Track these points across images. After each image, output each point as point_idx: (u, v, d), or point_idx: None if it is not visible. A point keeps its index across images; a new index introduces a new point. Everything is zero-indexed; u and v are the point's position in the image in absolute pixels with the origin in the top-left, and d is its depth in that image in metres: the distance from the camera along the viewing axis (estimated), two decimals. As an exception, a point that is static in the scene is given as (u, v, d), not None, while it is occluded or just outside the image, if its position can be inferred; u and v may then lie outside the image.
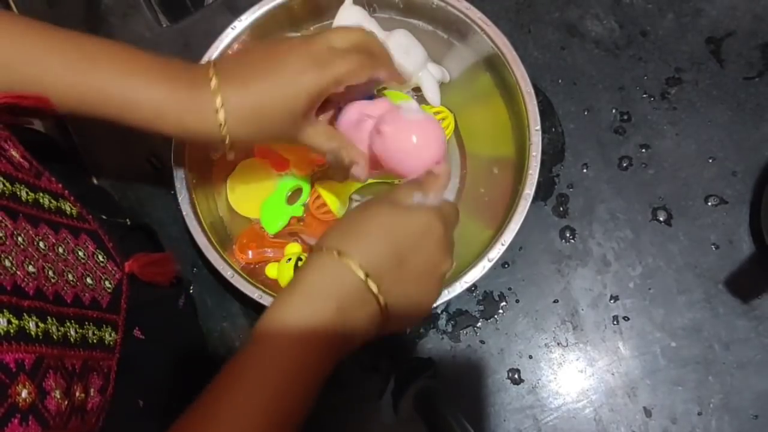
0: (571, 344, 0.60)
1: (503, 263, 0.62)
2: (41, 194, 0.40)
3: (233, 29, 0.60)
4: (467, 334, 0.61)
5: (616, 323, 0.60)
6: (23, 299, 0.34)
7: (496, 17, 0.58)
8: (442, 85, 0.63)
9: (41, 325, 0.35)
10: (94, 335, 0.40)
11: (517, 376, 0.60)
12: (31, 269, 0.36)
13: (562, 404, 0.59)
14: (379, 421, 0.59)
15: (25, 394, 0.31)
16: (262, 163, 0.61)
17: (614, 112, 0.66)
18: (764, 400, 0.58)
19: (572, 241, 0.62)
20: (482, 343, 0.60)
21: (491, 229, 0.56)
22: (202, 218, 0.56)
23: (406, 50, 0.58)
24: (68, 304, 0.38)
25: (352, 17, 0.59)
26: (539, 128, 0.56)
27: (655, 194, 0.63)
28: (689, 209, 0.63)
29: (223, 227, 0.61)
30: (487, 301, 0.61)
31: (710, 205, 0.63)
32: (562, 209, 0.63)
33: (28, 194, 0.39)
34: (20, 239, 0.36)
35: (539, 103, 0.57)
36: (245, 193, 0.61)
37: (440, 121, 0.61)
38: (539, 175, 0.55)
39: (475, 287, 0.61)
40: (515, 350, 0.60)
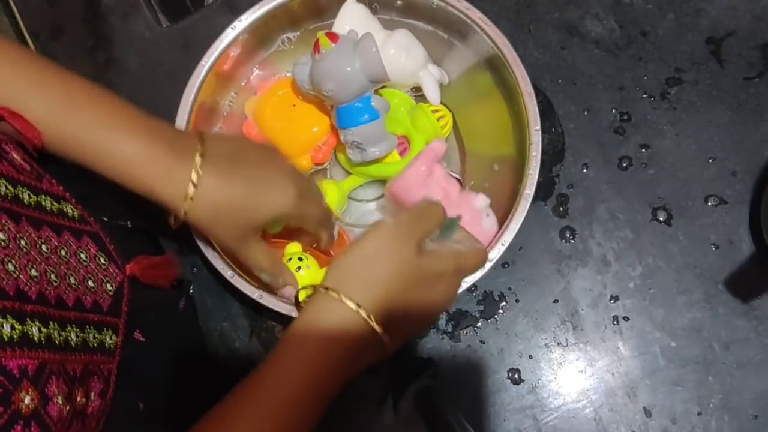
0: (571, 344, 0.60)
1: (503, 263, 0.62)
2: (43, 197, 0.40)
3: (233, 29, 0.60)
4: (467, 334, 0.61)
5: (616, 323, 0.60)
6: (26, 304, 0.34)
7: (496, 17, 0.59)
8: (442, 85, 0.63)
9: (44, 330, 0.34)
10: (94, 339, 0.40)
11: (517, 376, 0.60)
12: (33, 273, 0.36)
13: (562, 404, 0.59)
14: (379, 420, 0.59)
15: (27, 400, 0.31)
16: None
17: (614, 112, 0.66)
18: (764, 400, 0.58)
19: (572, 241, 0.62)
20: (482, 343, 0.60)
21: (491, 229, 0.56)
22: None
23: (406, 49, 0.58)
24: (70, 307, 0.38)
25: (354, 16, 0.59)
26: (539, 128, 0.56)
27: (655, 194, 0.63)
28: (689, 209, 0.63)
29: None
30: (487, 301, 0.61)
31: (710, 205, 0.63)
32: (562, 209, 0.63)
33: (30, 197, 0.39)
34: (23, 242, 0.36)
35: (539, 103, 0.57)
36: None
37: (440, 118, 0.61)
38: (539, 175, 0.55)
39: (475, 287, 0.62)
40: (515, 350, 0.60)
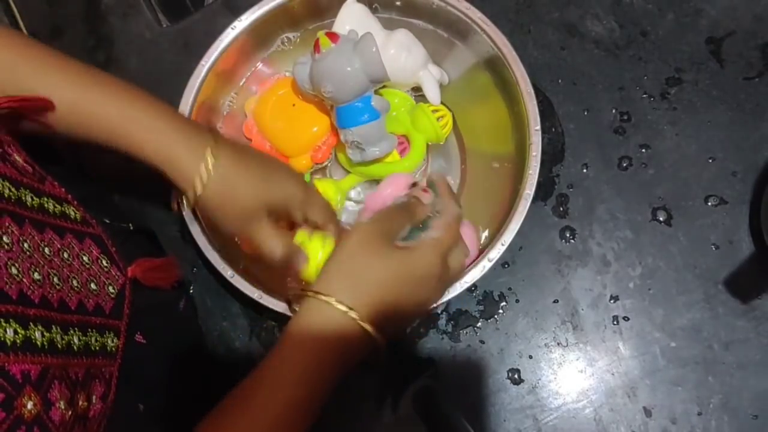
0: (571, 344, 0.60)
1: (503, 263, 0.62)
2: (46, 199, 0.40)
3: (233, 29, 0.60)
4: (467, 334, 0.61)
5: (616, 323, 0.60)
6: (29, 308, 0.34)
7: (496, 17, 0.59)
8: (442, 85, 0.62)
9: (46, 334, 0.34)
10: (96, 342, 0.40)
11: (517, 376, 0.60)
12: (36, 276, 0.36)
13: (562, 404, 0.59)
14: (378, 420, 0.59)
15: (30, 405, 0.31)
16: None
17: (614, 112, 0.66)
18: (764, 400, 0.58)
19: (572, 241, 0.62)
20: (482, 343, 0.60)
21: (491, 229, 0.56)
22: (202, 218, 0.56)
23: (407, 49, 0.58)
24: (72, 311, 0.38)
25: (354, 16, 0.59)
26: (539, 128, 0.56)
27: (655, 194, 0.63)
28: (689, 209, 0.63)
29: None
30: (487, 301, 0.61)
31: (710, 205, 0.63)
32: (562, 209, 0.63)
33: (33, 199, 0.39)
34: (26, 245, 0.36)
35: (539, 103, 0.57)
36: None
37: (441, 118, 0.61)
38: (539, 175, 0.55)
39: (475, 287, 0.62)
40: (515, 350, 0.60)
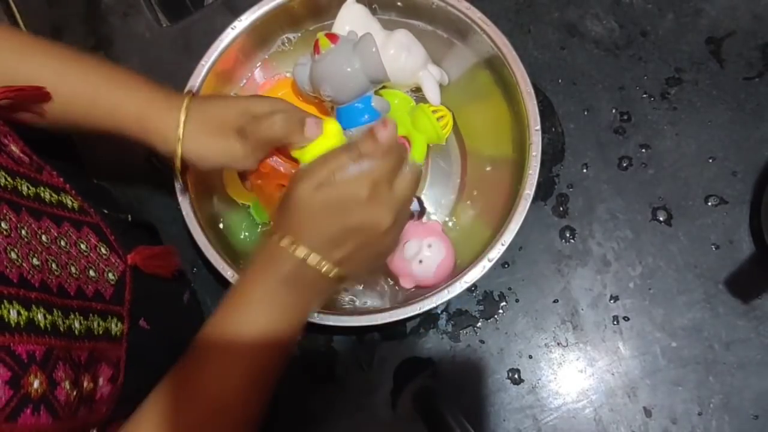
0: (571, 344, 0.60)
1: (503, 263, 0.62)
2: (42, 188, 0.41)
3: (233, 29, 0.60)
4: (467, 333, 0.61)
5: (616, 323, 0.60)
6: (30, 291, 0.35)
7: (496, 17, 0.59)
8: (442, 85, 0.62)
9: (48, 317, 0.35)
10: (99, 326, 0.40)
11: (517, 376, 0.60)
12: (35, 262, 0.36)
13: (562, 404, 0.59)
14: (378, 420, 0.59)
15: (36, 384, 0.32)
16: None
17: (614, 112, 0.66)
18: (764, 400, 0.58)
19: (572, 241, 0.62)
20: (482, 342, 0.60)
21: (491, 229, 0.56)
22: (202, 218, 0.57)
23: (406, 49, 0.58)
24: (72, 296, 0.39)
25: (354, 16, 0.59)
26: (539, 128, 0.56)
27: (655, 194, 0.63)
28: (689, 209, 0.63)
29: (222, 225, 0.61)
30: (487, 301, 0.61)
31: (710, 205, 0.63)
32: (562, 209, 0.63)
33: (29, 188, 0.39)
34: (23, 232, 0.37)
35: (539, 103, 0.57)
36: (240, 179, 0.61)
37: (441, 118, 0.61)
38: (539, 175, 0.55)
39: (475, 287, 0.61)
40: (515, 350, 0.60)
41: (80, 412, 0.36)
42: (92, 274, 0.42)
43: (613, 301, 0.61)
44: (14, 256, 0.35)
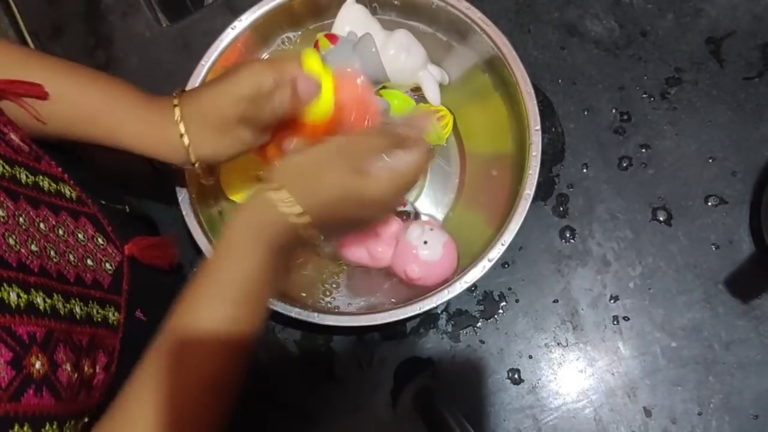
0: (571, 344, 0.60)
1: (503, 263, 0.62)
2: (41, 177, 0.41)
3: (233, 29, 0.60)
4: (467, 334, 0.61)
5: (616, 323, 0.60)
6: (29, 276, 0.35)
7: (496, 17, 0.59)
8: (441, 85, 0.63)
9: (48, 300, 0.36)
10: (98, 314, 0.41)
11: (517, 376, 0.60)
12: (33, 248, 0.37)
13: (562, 404, 0.59)
14: (378, 419, 0.59)
15: (38, 365, 0.32)
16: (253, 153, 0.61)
17: (614, 112, 0.66)
18: (764, 400, 0.58)
19: (572, 241, 0.62)
20: (482, 343, 0.60)
21: (491, 229, 0.56)
22: (202, 218, 0.56)
23: (406, 49, 0.58)
24: (71, 282, 0.39)
25: (353, 16, 0.59)
26: (539, 128, 0.56)
27: (655, 194, 0.63)
28: (689, 209, 0.63)
29: (222, 226, 0.61)
30: (487, 301, 0.61)
31: (710, 205, 0.63)
32: (562, 209, 0.63)
33: (27, 177, 0.40)
34: (21, 220, 0.37)
35: (539, 103, 0.57)
36: (240, 179, 0.61)
37: (440, 117, 0.61)
38: (539, 175, 0.55)
39: (475, 287, 0.61)
40: (515, 350, 0.60)
41: (80, 396, 0.36)
42: (90, 263, 0.42)
43: (613, 301, 0.61)
44: (12, 242, 0.35)
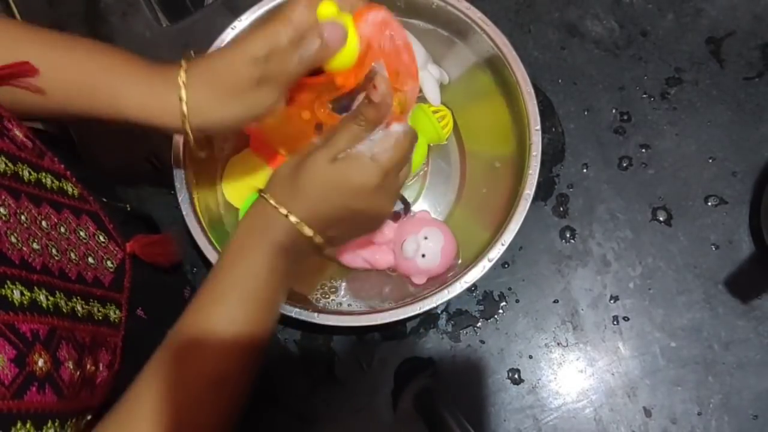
0: (571, 344, 0.60)
1: (503, 263, 0.62)
2: (43, 174, 0.41)
3: (233, 29, 0.60)
4: (467, 334, 0.61)
5: (616, 323, 0.60)
6: (32, 273, 0.35)
7: (496, 17, 0.58)
8: (442, 85, 0.63)
9: (51, 298, 0.36)
10: (99, 312, 0.41)
11: (517, 376, 0.60)
12: (35, 246, 0.37)
13: (562, 404, 0.59)
14: (378, 420, 0.59)
15: (41, 363, 0.32)
16: (256, 155, 0.61)
17: (614, 112, 0.66)
18: (764, 400, 0.58)
19: (572, 241, 0.62)
20: (482, 343, 0.60)
21: (491, 229, 0.56)
22: (202, 218, 0.56)
23: (406, 50, 0.58)
24: (73, 280, 0.39)
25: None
26: (539, 128, 0.56)
27: (655, 194, 0.63)
28: (689, 209, 0.63)
29: (222, 226, 0.61)
30: (487, 301, 0.61)
31: (710, 205, 0.63)
32: (562, 209, 0.63)
33: (30, 174, 0.39)
34: (23, 218, 0.37)
35: (539, 103, 0.57)
36: (240, 184, 0.61)
37: (441, 118, 0.61)
38: (539, 175, 0.55)
39: (475, 287, 0.62)
40: (515, 350, 0.60)
41: (82, 393, 0.36)
42: (91, 261, 0.42)
43: (613, 301, 0.61)
44: (14, 239, 0.35)
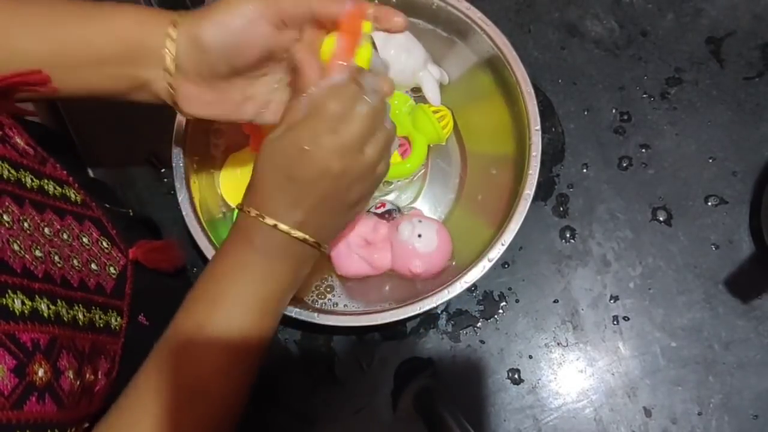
0: (571, 344, 0.60)
1: (503, 263, 0.62)
2: (46, 181, 0.41)
3: (233, 29, 0.60)
4: (467, 334, 0.61)
5: (616, 323, 0.60)
6: (33, 282, 0.35)
7: (496, 17, 0.58)
8: (442, 85, 0.63)
9: (52, 307, 0.35)
10: (100, 319, 0.41)
11: (517, 376, 0.60)
12: (38, 254, 0.36)
13: (562, 404, 0.59)
14: (378, 420, 0.59)
15: (41, 373, 0.32)
16: (253, 155, 0.61)
17: (614, 112, 0.66)
18: (764, 400, 0.58)
19: (572, 241, 0.62)
20: (482, 343, 0.60)
21: (491, 229, 0.56)
22: (202, 218, 0.56)
23: (406, 50, 0.58)
24: (75, 288, 0.39)
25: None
26: (539, 128, 0.56)
27: (655, 194, 0.63)
28: (689, 209, 0.63)
29: (222, 226, 0.61)
30: (487, 301, 0.61)
31: (710, 205, 0.63)
32: (562, 209, 0.63)
33: (33, 181, 0.39)
34: (26, 225, 0.37)
35: (539, 103, 0.57)
36: (237, 184, 0.61)
37: (441, 118, 0.61)
38: (539, 175, 0.55)
39: (475, 287, 0.62)
40: (515, 350, 0.60)
41: (82, 402, 0.36)
42: (94, 267, 0.42)
43: (613, 301, 0.61)
44: (17, 247, 0.35)
